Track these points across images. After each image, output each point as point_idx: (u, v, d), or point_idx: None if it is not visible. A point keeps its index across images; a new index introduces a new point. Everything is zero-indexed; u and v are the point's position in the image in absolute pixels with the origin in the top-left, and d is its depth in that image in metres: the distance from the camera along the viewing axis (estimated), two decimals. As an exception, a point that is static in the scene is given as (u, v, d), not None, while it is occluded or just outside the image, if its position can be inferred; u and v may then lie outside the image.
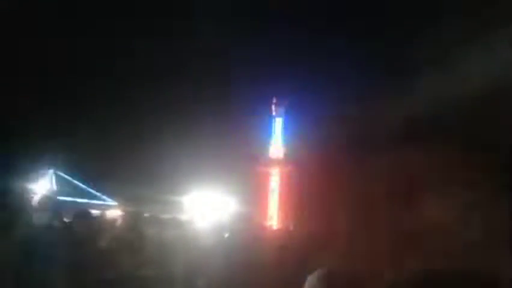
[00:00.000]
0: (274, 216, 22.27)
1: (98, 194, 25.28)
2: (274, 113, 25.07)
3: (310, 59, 23.54)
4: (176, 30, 24.31)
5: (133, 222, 4.56)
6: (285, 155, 24.50)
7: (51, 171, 25.00)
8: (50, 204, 4.16)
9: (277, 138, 24.86)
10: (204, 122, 24.42)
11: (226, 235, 4.73)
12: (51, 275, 3.14)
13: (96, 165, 23.82)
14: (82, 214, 4.75)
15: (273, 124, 25.16)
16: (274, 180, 24.37)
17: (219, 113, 23.42)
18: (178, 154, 22.44)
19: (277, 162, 24.65)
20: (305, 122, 22.68)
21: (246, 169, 23.58)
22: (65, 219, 4.53)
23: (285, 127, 25.02)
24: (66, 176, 25.24)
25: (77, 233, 3.91)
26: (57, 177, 25.17)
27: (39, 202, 4.24)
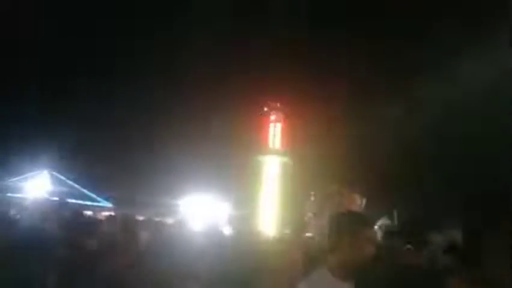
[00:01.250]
0: (269, 219, 22.22)
1: (92, 195, 25.23)
2: (273, 118, 25.05)
3: (311, 63, 23.62)
4: (175, 31, 24.37)
5: (126, 224, 4.58)
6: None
7: (46, 171, 24.95)
8: (44, 204, 4.19)
9: (276, 140, 24.76)
10: (201, 126, 24.46)
11: (220, 237, 4.76)
12: (42, 274, 3.16)
13: (91, 167, 23.80)
14: (76, 215, 4.78)
15: (272, 129, 25.11)
16: (272, 172, 24.22)
17: (217, 117, 23.44)
18: (174, 157, 22.43)
19: (275, 151, 24.54)
20: (303, 127, 22.73)
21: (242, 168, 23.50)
22: (59, 220, 4.55)
23: (284, 132, 25.01)
24: (61, 177, 25.19)
25: (70, 234, 3.93)
26: (53, 177, 25.11)
27: (32, 202, 4.26)
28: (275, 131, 25.10)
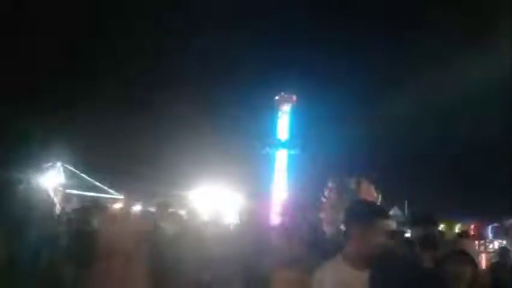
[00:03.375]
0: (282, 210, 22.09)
1: (104, 187, 25.44)
2: (280, 110, 24.95)
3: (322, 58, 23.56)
4: (184, 25, 24.39)
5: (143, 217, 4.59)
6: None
7: (59, 164, 25.18)
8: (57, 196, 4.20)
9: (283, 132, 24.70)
10: (211, 119, 24.53)
11: (232, 228, 4.74)
12: (56, 265, 3.17)
13: (103, 160, 24.03)
14: (88, 207, 4.79)
15: (279, 121, 25.03)
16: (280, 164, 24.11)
17: (227, 110, 23.47)
18: (184, 149, 22.52)
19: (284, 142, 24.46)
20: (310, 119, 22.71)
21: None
22: (71, 211, 4.57)
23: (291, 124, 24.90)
24: (74, 169, 25.42)
25: (83, 225, 3.94)
26: (65, 170, 25.34)
27: (46, 194, 4.27)
28: (285, 122, 25.02)
